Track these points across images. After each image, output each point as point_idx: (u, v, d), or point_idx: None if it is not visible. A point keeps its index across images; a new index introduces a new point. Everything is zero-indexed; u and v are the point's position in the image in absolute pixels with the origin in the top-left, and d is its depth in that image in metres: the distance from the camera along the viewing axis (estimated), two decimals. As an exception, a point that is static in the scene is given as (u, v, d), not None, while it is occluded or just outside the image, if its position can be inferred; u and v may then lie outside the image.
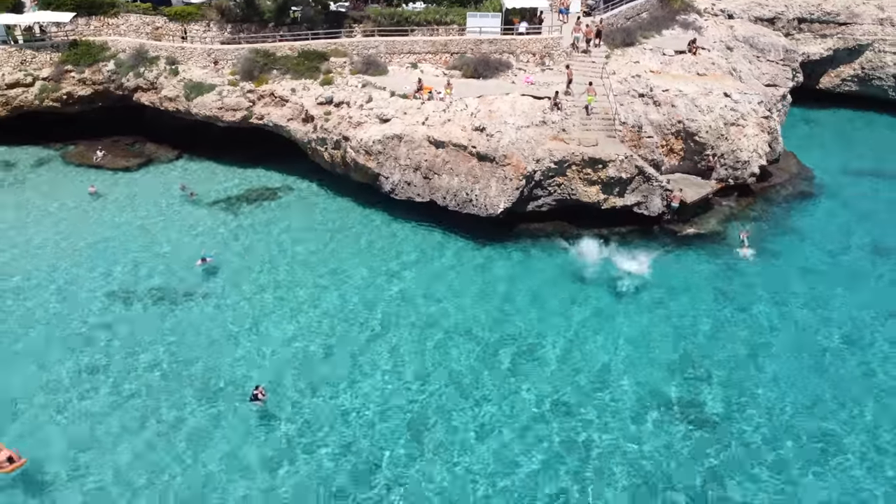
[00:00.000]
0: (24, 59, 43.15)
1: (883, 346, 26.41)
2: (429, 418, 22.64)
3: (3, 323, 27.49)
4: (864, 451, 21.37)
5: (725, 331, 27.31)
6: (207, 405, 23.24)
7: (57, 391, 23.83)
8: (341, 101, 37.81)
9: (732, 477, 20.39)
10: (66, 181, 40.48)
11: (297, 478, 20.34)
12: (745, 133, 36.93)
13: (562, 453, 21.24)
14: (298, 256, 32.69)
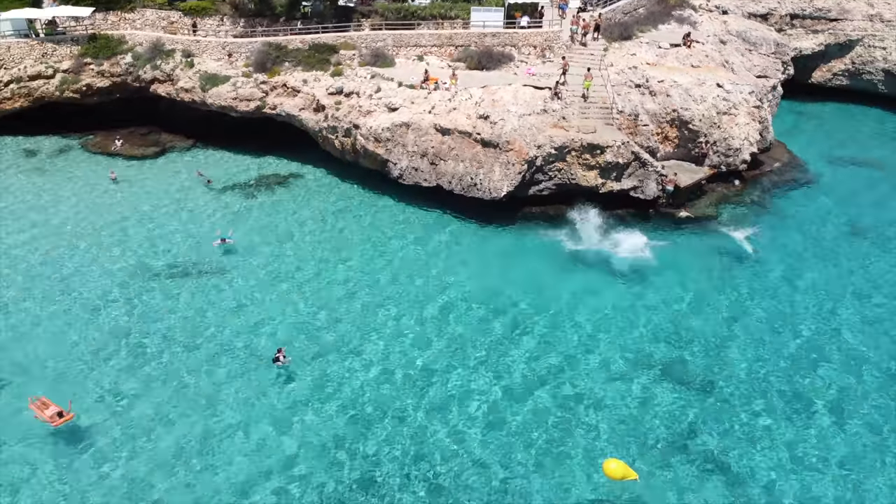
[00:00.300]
0: (45, 52, 44.92)
1: (853, 315, 28.17)
2: (428, 377, 24.35)
3: (30, 294, 29.21)
4: (832, 406, 23.09)
5: (711, 303, 29.04)
6: (229, 365, 24.94)
7: (87, 354, 25.55)
8: (351, 91, 39.59)
9: (709, 428, 22.13)
10: (86, 168, 42.25)
11: (309, 425, 22.06)
12: (737, 122, 38.69)
13: (551, 407, 22.95)
14: (309, 236, 34.49)
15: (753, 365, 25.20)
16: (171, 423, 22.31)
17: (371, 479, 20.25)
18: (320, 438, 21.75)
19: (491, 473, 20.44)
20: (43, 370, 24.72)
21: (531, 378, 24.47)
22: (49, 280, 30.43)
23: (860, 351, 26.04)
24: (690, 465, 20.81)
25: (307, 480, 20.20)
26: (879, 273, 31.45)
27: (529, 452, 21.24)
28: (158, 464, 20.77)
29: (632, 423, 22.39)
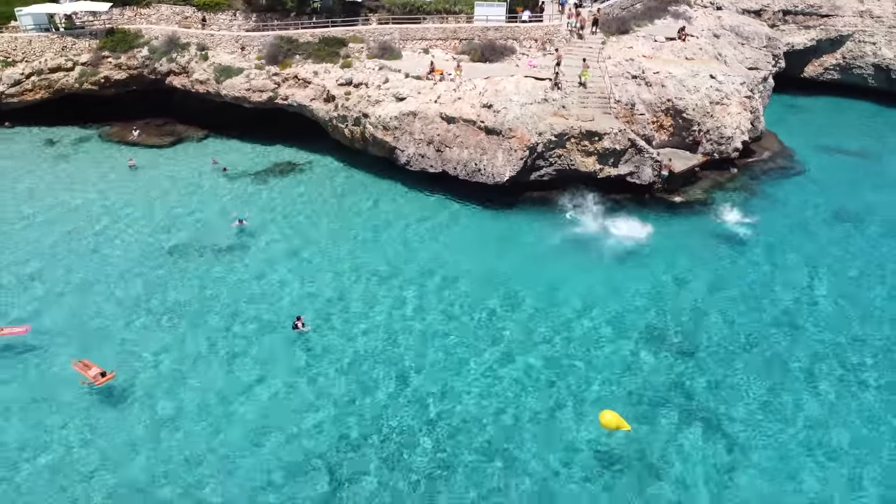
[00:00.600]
0: (65, 45, 46.74)
1: (831, 288, 29.95)
2: (429, 341, 26.15)
3: (57, 265, 31.03)
4: (807, 367, 24.87)
5: (701, 278, 30.80)
6: (254, 335, 26.71)
7: (116, 319, 27.34)
8: (360, 82, 41.40)
9: (694, 383, 23.93)
10: (105, 155, 44.08)
11: (326, 380, 23.85)
12: (729, 111, 40.51)
13: (544, 368, 24.76)
14: (319, 218, 36.28)
15: (736, 331, 26.99)
16: (199, 380, 24.06)
17: (378, 428, 22.01)
18: (335, 392, 23.52)
19: (491, 423, 22.20)
20: (76, 333, 26.47)
21: (527, 342, 26.24)
22: (74, 254, 32.26)
23: (834, 319, 27.80)
24: (676, 417, 22.57)
25: (320, 429, 21.95)
26: (858, 251, 33.20)
27: (527, 406, 23.01)
28: (188, 416, 22.52)
29: (623, 380, 24.16)
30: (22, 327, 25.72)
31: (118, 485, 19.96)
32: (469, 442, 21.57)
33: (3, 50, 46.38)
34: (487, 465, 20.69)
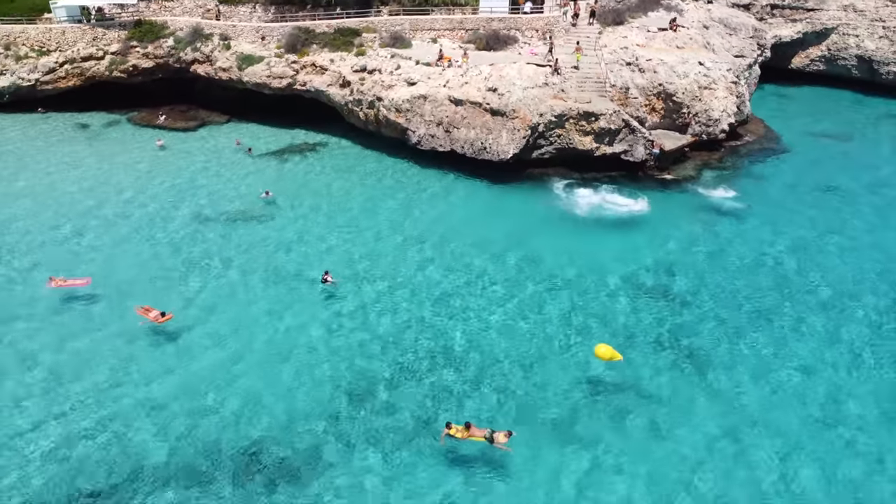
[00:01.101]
0: (96, 36, 49.90)
1: (811, 252, 33.05)
2: (444, 295, 29.27)
3: (107, 228, 34.19)
4: (791, 322, 27.95)
5: (689, 242, 33.90)
6: (287, 287, 29.83)
7: (161, 273, 30.46)
8: (374, 68, 44.56)
9: (683, 331, 27.05)
10: (135, 138, 47.26)
11: (350, 331, 26.95)
12: (716, 95, 43.68)
13: (551, 315, 27.87)
14: (337, 191, 39.44)
15: (723, 288, 30.07)
16: (240, 324, 27.18)
17: (400, 363, 25.11)
18: (360, 335, 26.64)
19: (501, 356, 25.31)
20: (130, 284, 29.60)
21: (534, 295, 29.35)
22: (120, 218, 35.49)
23: (814, 278, 30.88)
24: (663, 355, 25.70)
25: (350, 364, 25.04)
26: (839, 221, 36.23)
27: (532, 344, 26.13)
28: (232, 354, 25.62)
29: (618, 323, 27.28)
30: (84, 279, 28.81)
31: (184, 395, 23.08)
32: (478, 366, 24.68)
33: (38, 40, 49.57)
34: (496, 386, 23.84)
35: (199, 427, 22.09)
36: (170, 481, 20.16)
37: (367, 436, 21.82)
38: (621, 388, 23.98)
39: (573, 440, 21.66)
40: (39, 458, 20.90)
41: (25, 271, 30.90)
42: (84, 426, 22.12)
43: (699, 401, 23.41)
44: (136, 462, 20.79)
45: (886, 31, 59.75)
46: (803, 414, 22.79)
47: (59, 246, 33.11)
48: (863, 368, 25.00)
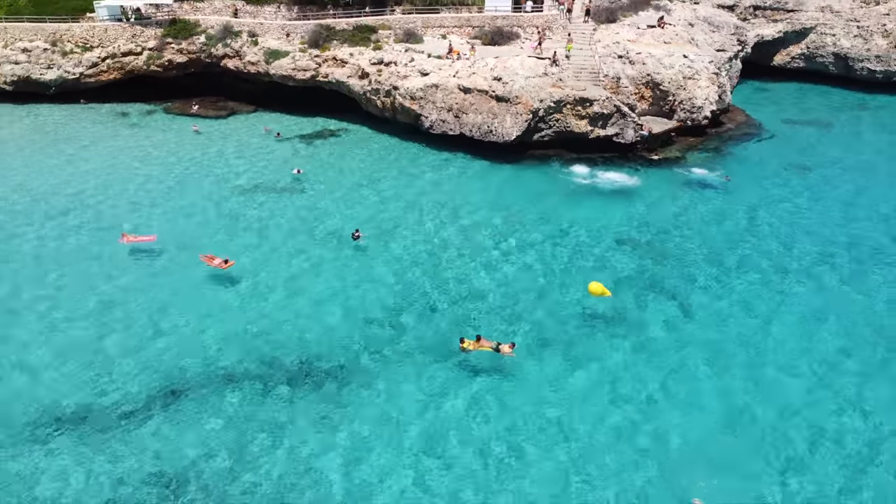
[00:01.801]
0: (134, 33, 54.64)
1: (783, 216, 37.66)
2: (441, 256, 33.84)
3: (162, 196, 38.78)
4: (737, 264, 32.48)
5: (672, 209, 38.48)
6: (317, 247, 34.37)
7: (212, 231, 35.00)
8: (390, 61, 49.26)
9: (656, 270, 31.60)
10: (171, 125, 51.94)
11: (381, 275, 31.47)
12: (699, 85, 48.37)
13: (538, 264, 32.42)
14: (359, 168, 44.12)
15: (701, 244, 34.62)
16: (287, 276, 31.69)
17: (426, 298, 29.63)
18: (389, 278, 31.19)
19: (511, 292, 29.83)
20: (188, 240, 34.17)
21: (540, 246, 33.95)
22: (170, 189, 40.15)
23: (784, 240, 35.34)
24: (646, 292, 30.25)
25: (383, 300, 29.54)
26: (798, 191, 40.87)
27: (536, 283, 30.67)
28: (284, 293, 30.15)
29: (608, 268, 31.83)
30: (150, 236, 33.39)
31: (244, 332, 27.61)
32: (491, 299, 29.21)
33: (82, 37, 54.32)
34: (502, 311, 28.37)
35: (262, 345, 26.63)
36: (242, 381, 24.67)
37: (401, 351, 26.36)
38: (609, 316, 28.54)
39: (570, 352, 26.21)
40: (136, 367, 25.41)
41: (105, 230, 35.51)
42: (162, 345, 26.67)
43: (671, 322, 27.98)
44: (213, 369, 25.30)
45: (861, 31, 64.51)
46: (738, 329, 27.38)
47: (124, 210, 37.72)
48: (787, 294, 29.75)
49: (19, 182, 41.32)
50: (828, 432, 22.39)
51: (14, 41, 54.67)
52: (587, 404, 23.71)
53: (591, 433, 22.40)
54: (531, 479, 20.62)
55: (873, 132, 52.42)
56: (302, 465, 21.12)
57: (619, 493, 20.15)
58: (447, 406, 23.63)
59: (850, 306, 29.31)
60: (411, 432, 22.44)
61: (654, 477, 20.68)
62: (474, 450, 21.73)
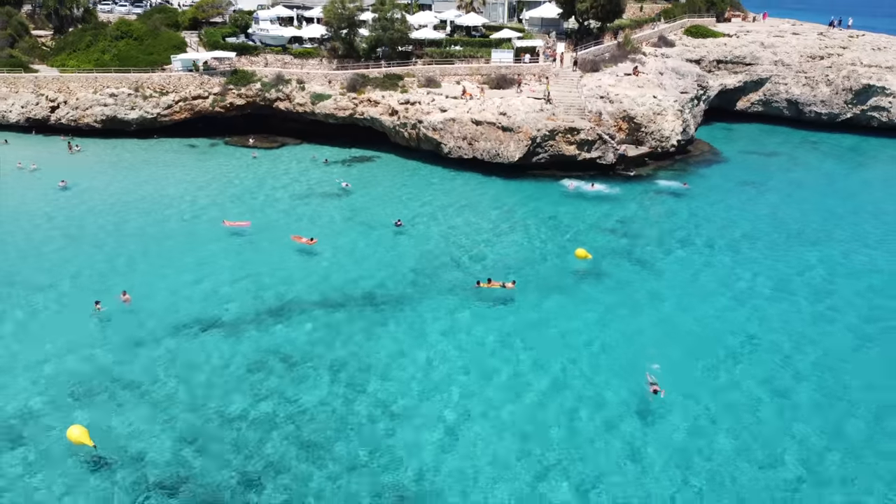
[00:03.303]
0: (202, 81, 66.36)
1: (736, 219, 48.10)
2: (478, 235, 44.16)
3: (242, 199, 49.26)
4: (700, 247, 42.72)
5: (646, 215, 48.98)
6: (370, 231, 44.68)
7: (295, 224, 45.34)
8: (415, 101, 60.71)
9: (631, 248, 41.80)
10: (233, 154, 63.02)
11: (416, 248, 41.63)
12: (667, 119, 59.66)
13: (547, 240, 42.68)
14: (392, 182, 54.83)
15: (657, 229, 45.05)
16: (352, 248, 41.89)
17: (451, 260, 39.73)
18: (423, 247, 41.35)
19: (513, 258, 39.92)
20: (272, 227, 44.45)
21: (536, 229, 44.29)
22: (247, 195, 50.64)
23: (719, 227, 45.80)
24: (616, 257, 40.44)
25: (417, 261, 39.62)
26: (762, 206, 51.38)
27: (534, 253, 40.84)
28: (351, 259, 40.27)
29: (590, 243, 41.99)
30: (246, 222, 43.80)
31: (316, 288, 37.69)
32: (498, 263, 39.34)
33: (160, 84, 66.02)
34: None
35: (337, 287, 36.71)
36: (327, 305, 34.68)
37: (435, 288, 36.42)
38: (590, 272, 38.71)
39: (560, 294, 36.30)
40: (237, 300, 35.41)
41: (212, 220, 45.97)
42: (262, 293, 36.77)
43: (637, 278, 38.15)
44: (298, 302, 35.30)
45: (808, 80, 76.43)
46: (675, 279, 37.58)
47: (224, 207, 48.24)
48: (711, 259, 39.96)
49: (143, 194, 51.44)
50: (727, 330, 32.38)
51: (103, 88, 66.33)
52: (565, 316, 33.67)
53: (565, 332, 32.30)
54: (517, 358, 30.42)
55: (809, 160, 63.92)
56: (372, 341, 30.91)
57: (591, 368, 29.89)
58: (461, 317, 33.56)
59: (759, 267, 39.67)
60: (439, 327, 32.44)
61: (616, 360, 30.42)
62: (477, 340, 31.55)
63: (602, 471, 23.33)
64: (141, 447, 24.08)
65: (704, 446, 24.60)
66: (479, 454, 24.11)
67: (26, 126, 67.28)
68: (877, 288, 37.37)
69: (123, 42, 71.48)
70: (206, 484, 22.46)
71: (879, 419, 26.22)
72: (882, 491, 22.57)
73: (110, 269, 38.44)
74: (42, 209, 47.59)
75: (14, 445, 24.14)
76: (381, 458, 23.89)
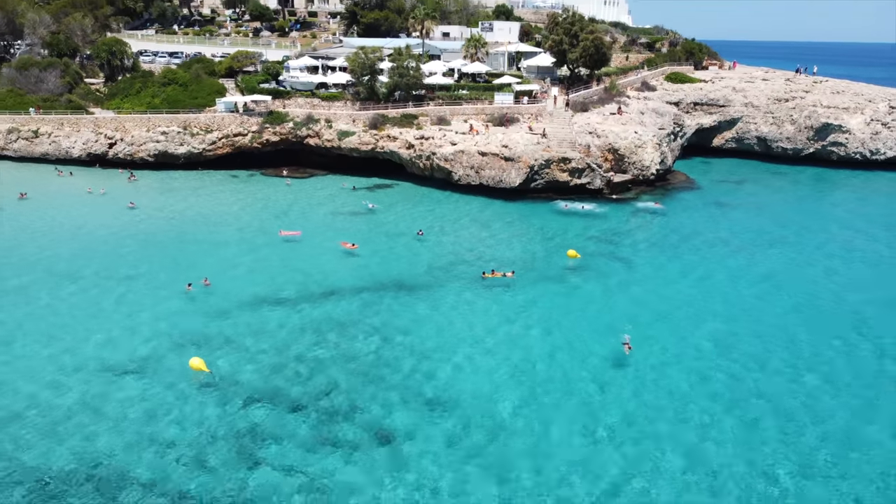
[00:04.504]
0: (242, 121, 76.11)
1: (702, 230, 56.87)
2: (473, 241, 52.81)
3: (284, 215, 58.07)
4: (665, 250, 51.34)
5: (626, 227, 57.80)
6: (396, 238, 53.34)
7: (333, 235, 54.05)
8: (428, 136, 70.22)
9: (614, 251, 50.39)
10: (269, 183, 72.29)
11: (433, 251, 50.21)
12: (646, 151, 69.01)
13: (542, 247, 51.31)
14: (410, 203, 63.79)
15: (634, 237, 53.77)
16: (386, 251, 50.48)
17: (462, 260, 48.28)
18: (440, 249, 49.93)
19: (515, 257, 48.45)
20: (318, 236, 53.13)
21: (533, 237, 53.00)
22: (287, 212, 59.52)
23: (684, 235, 54.53)
24: (600, 258, 49.04)
25: (434, 260, 48.16)
26: (727, 221, 60.33)
27: (532, 255, 49.44)
28: (383, 258, 48.85)
29: (580, 249, 50.57)
30: (298, 231, 52.59)
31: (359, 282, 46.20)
32: (502, 260, 47.90)
33: (206, 123, 75.74)
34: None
35: (372, 276, 45.25)
36: (359, 290, 43.17)
37: (446, 280, 44.94)
38: (577, 267, 47.34)
39: (551, 282, 44.86)
40: (292, 286, 43.91)
41: (260, 231, 54.79)
42: (313, 285, 45.35)
43: (615, 270, 46.78)
44: (342, 287, 43.79)
45: (775, 120, 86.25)
46: (647, 272, 46.20)
47: (267, 222, 57.08)
48: (680, 258, 48.62)
49: (197, 213, 60.34)
50: (683, 304, 40.81)
51: (155, 127, 76.07)
52: (554, 295, 42.12)
53: (554, 306, 40.73)
54: (513, 321, 38.74)
55: (773, 186, 73.26)
56: (399, 312, 39.19)
57: (574, 328, 38.19)
58: (469, 296, 41.99)
59: (713, 263, 48.36)
60: (450, 301, 40.84)
61: (595, 323, 38.77)
62: (481, 310, 39.95)
63: (574, 391, 31.53)
64: (239, 375, 32.35)
65: (659, 377, 32.77)
66: (482, 379, 32.35)
67: (88, 160, 76.80)
68: (811, 278, 45.96)
69: (171, 88, 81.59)
70: (289, 395, 30.69)
71: (790, 348, 34.51)
72: (790, 402, 30.78)
73: (182, 266, 46.98)
74: (119, 223, 56.49)
75: (146, 373, 32.43)
76: (408, 380, 32.11)
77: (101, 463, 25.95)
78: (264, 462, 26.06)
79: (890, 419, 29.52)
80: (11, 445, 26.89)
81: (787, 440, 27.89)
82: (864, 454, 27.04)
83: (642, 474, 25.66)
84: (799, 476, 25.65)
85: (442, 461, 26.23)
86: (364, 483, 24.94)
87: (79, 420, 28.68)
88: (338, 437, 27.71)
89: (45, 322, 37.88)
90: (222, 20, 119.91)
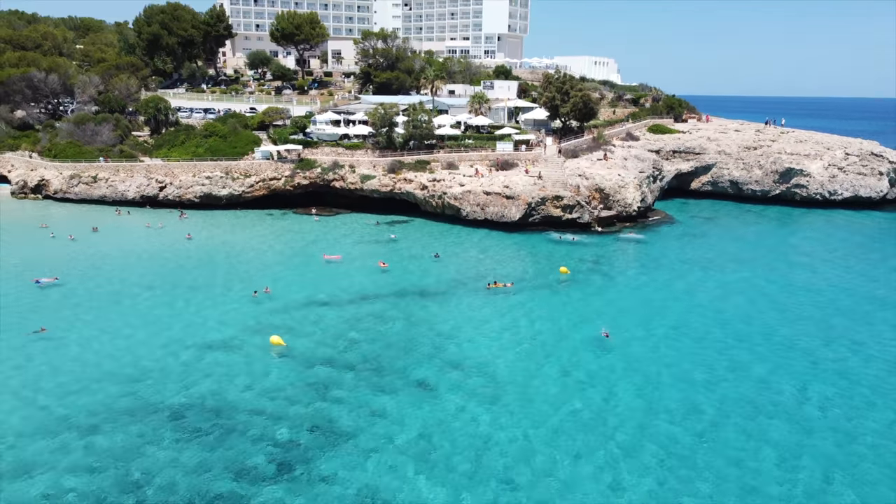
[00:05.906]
0: (277, 167, 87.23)
1: (676, 255, 67.02)
2: (478, 265, 62.89)
3: (315, 245, 68.27)
4: (654, 268, 61.40)
5: (610, 253, 67.99)
6: (415, 260, 63.42)
7: (363, 258, 64.20)
8: (440, 179, 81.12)
9: (599, 270, 60.41)
10: (301, 220, 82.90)
11: (448, 268, 60.23)
12: (629, 190, 79.78)
13: (537, 267, 61.37)
14: (425, 236, 74.14)
15: (616, 260, 63.88)
16: (410, 269, 60.57)
17: (474, 273, 58.37)
18: (454, 267, 59.91)
19: (514, 277, 58.40)
20: (353, 259, 63.23)
21: (529, 260, 63.11)
22: (318, 241, 69.77)
23: (657, 257, 64.66)
24: (587, 274, 59.05)
25: (446, 275, 58.22)
26: (696, 248, 70.66)
27: (528, 272, 59.48)
28: (407, 274, 58.87)
29: (572, 268, 60.55)
30: (338, 255, 62.77)
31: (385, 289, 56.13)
32: (505, 276, 57.86)
33: (244, 169, 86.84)
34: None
35: (398, 287, 55.20)
36: (388, 296, 53.10)
37: (457, 290, 54.90)
38: (566, 281, 57.36)
39: (544, 290, 54.83)
40: (334, 295, 53.83)
41: (299, 255, 64.92)
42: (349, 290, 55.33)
43: (598, 283, 56.80)
44: (375, 294, 53.71)
45: (745, 165, 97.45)
46: (629, 286, 56.24)
47: (303, 250, 67.32)
48: (656, 276, 58.67)
49: (243, 242, 70.70)
50: (656, 306, 50.65)
51: (200, 172, 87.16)
52: (546, 301, 52.02)
53: (545, 307, 50.60)
54: (510, 317, 48.56)
55: (742, 221, 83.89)
56: (420, 311, 48.98)
57: (562, 321, 47.99)
58: (475, 301, 51.89)
59: (684, 279, 58.34)
60: (465, 304, 50.70)
61: (582, 321, 48.58)
62: (485, 310, 49.80)
63: (552, 355, 41.28)
64: (305, 349, 42.14)
65: (623, 351, 42.50)
66: (483, 350, 42.18)
67: (140, 202, 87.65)
68: (768, 292, 55.88)
69: (212, 139, 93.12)
70: (345, 360, 40.44)
71: (724, 329, 44.25)
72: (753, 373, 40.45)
73: (236, 280, 56.99)
74: (177, 250, 66.79)
75: (235, 350, 42.23)
76: (431, 351, 41.91)
77: (223, 401, 35.62)
78: (332, 399, 35.73)
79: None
80: (150, 391, 36.60)
81: (682, 397, 37.58)
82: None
83: (601, 399, 35.34)
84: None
85: (455, 397, 35.98)
86: (404, 410, 34.60)
87: (195, 373, 38.46)
88: (383, 384, 37.45)
89: (133, 316, 47.94)
90: (246, 80, 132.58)
